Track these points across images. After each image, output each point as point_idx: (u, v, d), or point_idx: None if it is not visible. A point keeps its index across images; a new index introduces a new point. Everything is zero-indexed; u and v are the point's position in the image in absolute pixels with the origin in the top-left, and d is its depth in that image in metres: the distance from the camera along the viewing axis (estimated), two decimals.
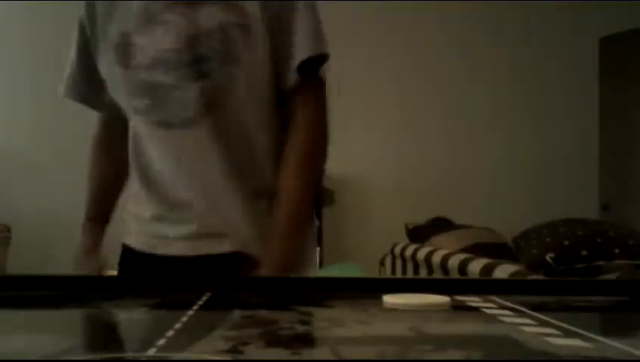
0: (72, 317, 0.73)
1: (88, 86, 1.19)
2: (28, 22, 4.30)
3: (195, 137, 1.06)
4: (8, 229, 3.90)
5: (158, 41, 1.02)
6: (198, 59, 1.01)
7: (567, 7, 4.36)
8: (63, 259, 1.21)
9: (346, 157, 3.64)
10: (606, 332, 0.68)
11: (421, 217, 3.74)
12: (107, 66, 1.10)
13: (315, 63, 1.07)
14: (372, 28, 4.18)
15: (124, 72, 1.06)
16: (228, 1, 1.02)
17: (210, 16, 1.00)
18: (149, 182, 1.13)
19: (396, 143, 4.24)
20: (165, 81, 1.03)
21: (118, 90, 1.10)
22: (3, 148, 4.22)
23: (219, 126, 1.06)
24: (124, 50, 1.05)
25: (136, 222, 1.17)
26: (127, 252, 1.19)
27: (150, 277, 0.86)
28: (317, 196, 1.19)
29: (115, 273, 1.15)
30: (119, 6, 1.08)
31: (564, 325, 0.60)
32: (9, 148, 4.21)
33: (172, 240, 1.11)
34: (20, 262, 3.71)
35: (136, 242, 1.17)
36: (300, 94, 1.08)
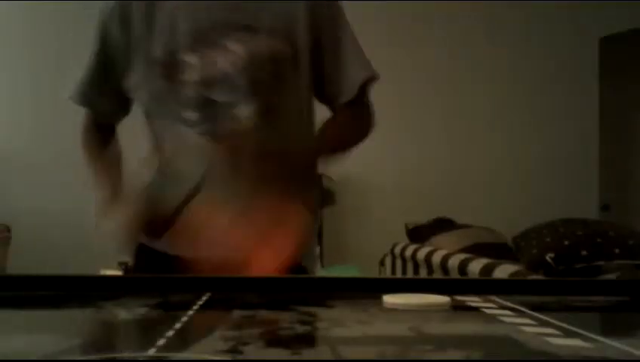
0: (72, 317, 0.73)
1: (98, 92, 1.22)
2: (28, 22, 4.30)
3: (242, 149, 1.12)
4: (8, 229, 3.90)
5: (215, 62, 1.10)
6: (252, 82, 1.11)
7: (567, 7, 4.36)
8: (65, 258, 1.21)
9: (346, 157, 3.63)
10: (606, 332, 0.68)
11: (421, 217, 3.74)
12: (146, 77, 1.14)
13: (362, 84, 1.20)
14: (372, 28, 4.18)
15: (171, 86, 1.12)
16: (278, 32, 1.12)
17: (263, 45, 1.11)
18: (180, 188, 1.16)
19: (396, 143, 4.23)
20: (220, 99, 1.11)
21: (162, 101, 1.14)
22: (3, 148, 4.22)
23: (266, 139, 1.13)
24: (171, 66, 1.11)
25: None
26: (150, 255, 1.19)
27: (150, 277, 0.86)
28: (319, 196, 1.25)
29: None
30: (160, 22, 1.12)
31: (564, 325, 0.60)
32: (9, 148, 4.21)
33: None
34: (20, 262, 3.71)
35: (161, 244, 1.17)
36: (348, 106, 1.20)
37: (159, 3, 1.13)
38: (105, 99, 1.22)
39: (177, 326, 0.59)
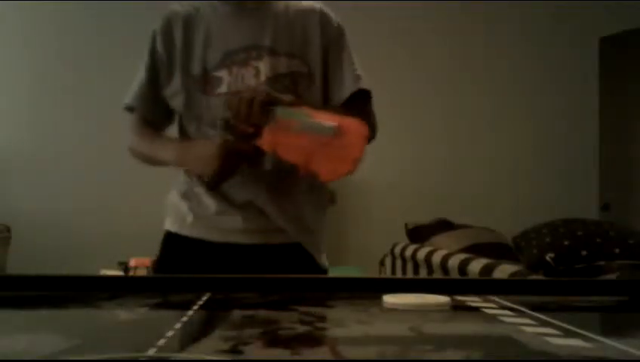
0: (72, 317, 0.73)
1: (151, 102, 1.39)
2: (28, 22, 4.30)
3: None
4: (8, 229, 3.90)
5: (242, 77, 1.30)
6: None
7: (567, 7, 4.36)
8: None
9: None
10: (606, 332, 0.68)
11: (421, 217, 3.74)
12: (183, 88, 1.32)
13: (362, 96, 1.39)
14: (372, 28, 4.18)
15: (207, 97, 1.31)
16: (296, 54, 1.33)
17: (284, 65, 1.32)
18: None
19: (396, 143, 4.23)
20: None
21: (195, 108, 1.33)
22: (3, 148, 4.22)
23: None
24: (207, 81, 1.31)
25: (195, 216, 1.34)
26: (179, 239, 1.35)
27: (150, 277, 0.86)
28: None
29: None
30: (198, 42, 1.32)
31: (564, 325, 0.60)
32: (9, 148, 4.21)
33: (234, 231, 1.31)
34: (20, 262, 3.71)
35: (190, 231, 1.34)
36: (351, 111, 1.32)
37: (197, 26, 1.33)
38: (156, 108, 1.39)
39: (177, 326, 0.59)
